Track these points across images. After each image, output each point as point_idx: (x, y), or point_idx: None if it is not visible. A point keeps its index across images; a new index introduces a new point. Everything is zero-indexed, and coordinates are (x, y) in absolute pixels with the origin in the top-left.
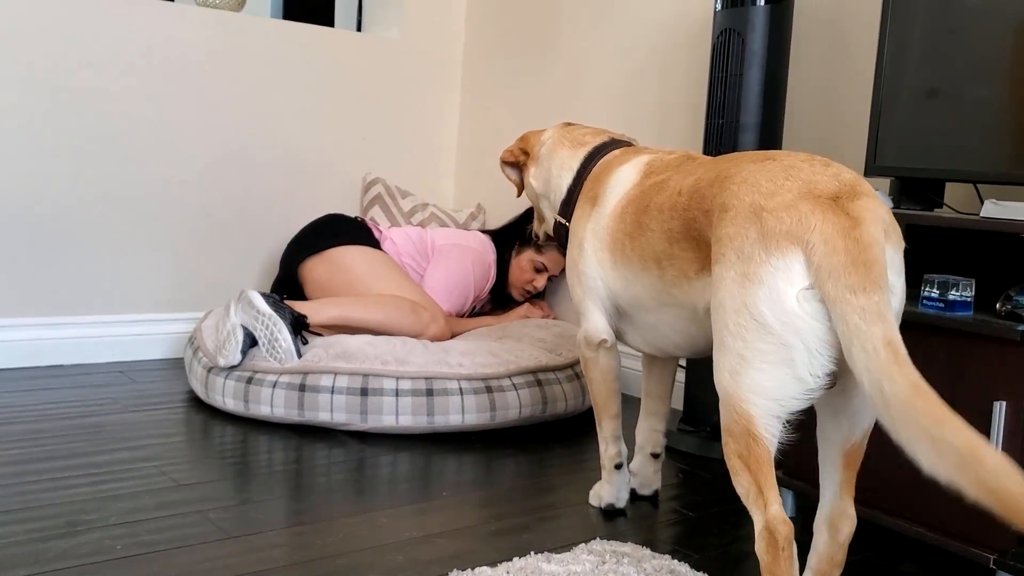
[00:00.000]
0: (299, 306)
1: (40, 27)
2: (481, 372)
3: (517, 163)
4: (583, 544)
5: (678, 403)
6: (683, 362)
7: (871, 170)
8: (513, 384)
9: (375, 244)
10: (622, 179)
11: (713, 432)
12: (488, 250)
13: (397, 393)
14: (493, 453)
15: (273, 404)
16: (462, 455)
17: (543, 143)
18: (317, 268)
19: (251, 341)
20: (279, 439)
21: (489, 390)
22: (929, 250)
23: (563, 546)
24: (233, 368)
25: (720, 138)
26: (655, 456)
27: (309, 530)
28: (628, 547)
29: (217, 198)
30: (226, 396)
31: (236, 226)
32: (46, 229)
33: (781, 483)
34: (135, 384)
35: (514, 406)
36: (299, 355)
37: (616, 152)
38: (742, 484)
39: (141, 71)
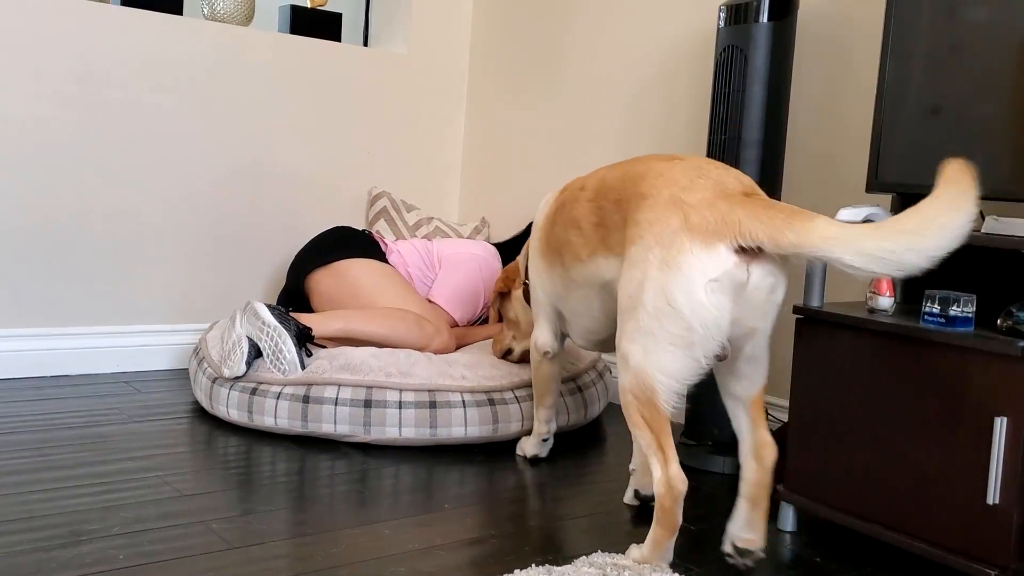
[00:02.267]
0: (304, 318)
1: (48, 40)
2: (484, 385)
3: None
4: (584, 557)
5: (679, 417)
6: None
7: (873, 186)
8: (516, 397)
9: (382, 257)
10: (545, 203)
11: (715, 446)
12: (495, 256)
13: (400, 405)
14: (495, 465)
15: (277, 415)
16: (464, 467)
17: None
18: (324, 280)
19: (256, 352)
20: (282, 450)
21: (492, 403)
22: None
23: (564, 559)
24: (237, 379)
25: (723, 154)
26: None
27: (312, 541)
28: (629, 560)
29: (223, 210)
30: (230, 407)
31: (242, 238)
32: (53, 240)
33: (783, 498)
34: (140, 395)
35: (516, 419)
36: (303, 367)
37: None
38: (644, 438)
39: (148, 84)
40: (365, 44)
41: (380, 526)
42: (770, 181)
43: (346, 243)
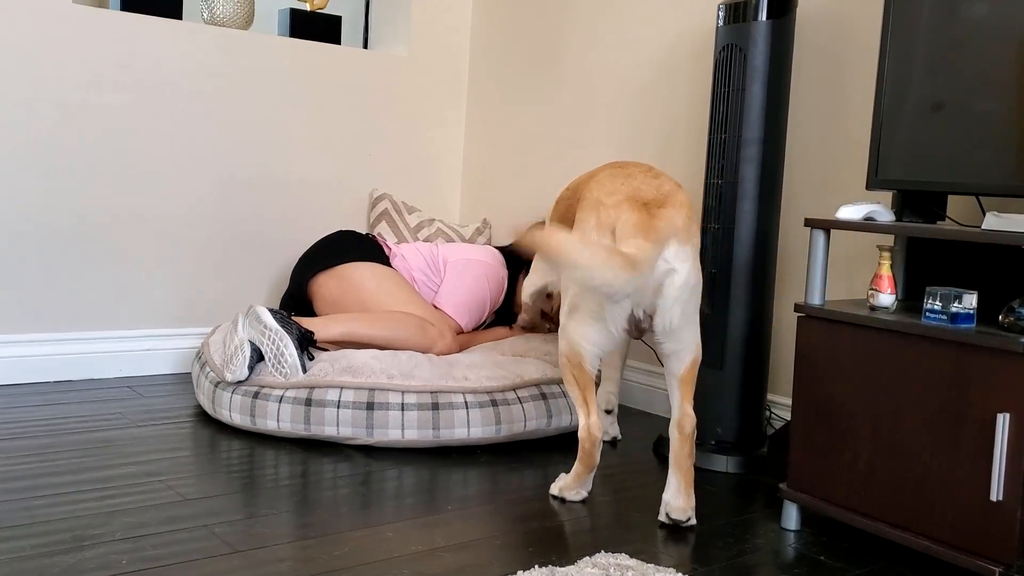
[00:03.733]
0: (306, 322)
1: (49, 45)
2: (486, 386)
3: None
4: (587, 558)
5: None
6: None
7: (873, 183)
8: (518, 397)
9: (385, 261)
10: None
11: (718, 445)
12: (500, 263)
13: (403, 407)
14: (498, 467)
15: (280, 418)
16: (468, 469)
17: None
18: (327, 284)
19: (258, 356)
20: (285, 453)
21: (495, 404)
22: (931, 263)
23: (567, 559)
24: (240, 383)
25: (723, 153)
26: (608, 412)
27: (315, 544)
28: (633, 561)
29: (224, 214)
30: (233, 411)
31: (244, 242)
32: (55, 246)
33: (786, 496)
34: (143, 399)
35: (519, 419)
36: (304, 370)
37: None
38: (573, 393)
39: (149, 88)
40: (365, 47)
41: (384, 528)
42: (770, 179)
43: (350, 247)
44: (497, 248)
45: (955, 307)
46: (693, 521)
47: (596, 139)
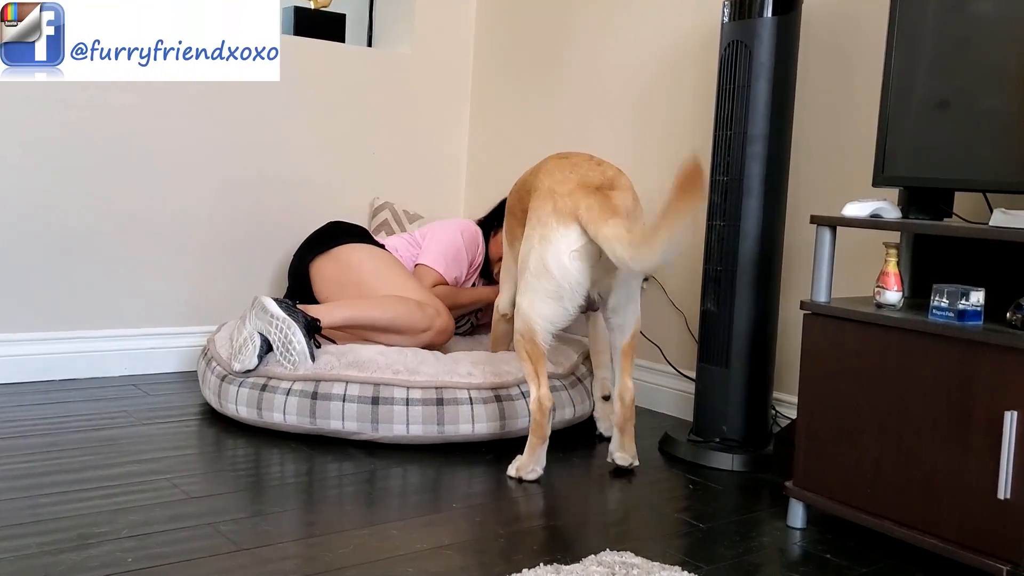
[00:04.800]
0: (311, 310)
1: None
2: (491, 382)
3: None
4: (593, 556)
5: (687, 414)
6: (694, 374)
7: (879, 180)
8: (523, 393)
9: (378, 245)
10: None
11: (722, 443)
12: (475, 226)
13: (407, 402)
14: (503, 465)
15: (286, 412)
16: (472, 467)
17: None
18: (327, 266)
19: (267, 348)
20: (290, 452)
21: (498, 399)
22: (938, 260)
23: (573, 557)
24: (247, 375)
25: (728, 150)
26: (605, 398)
27: (320, 542)
28: (638, 559)
29: (229, 214)
30: (239, 404)
31: (247, 242)
32: (60, 245)
33: (792, 495)
34: (148, 397)
35: (524, 415)
36: (313, 358)
37: None
38: (527, 368)
39: (153, 87)
40: (369, 45)
41: (388, 526)
42: (776, 176)
43: (344, 231)
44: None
45: (962, 304)
46: (636, 463)
47: (601, 137)
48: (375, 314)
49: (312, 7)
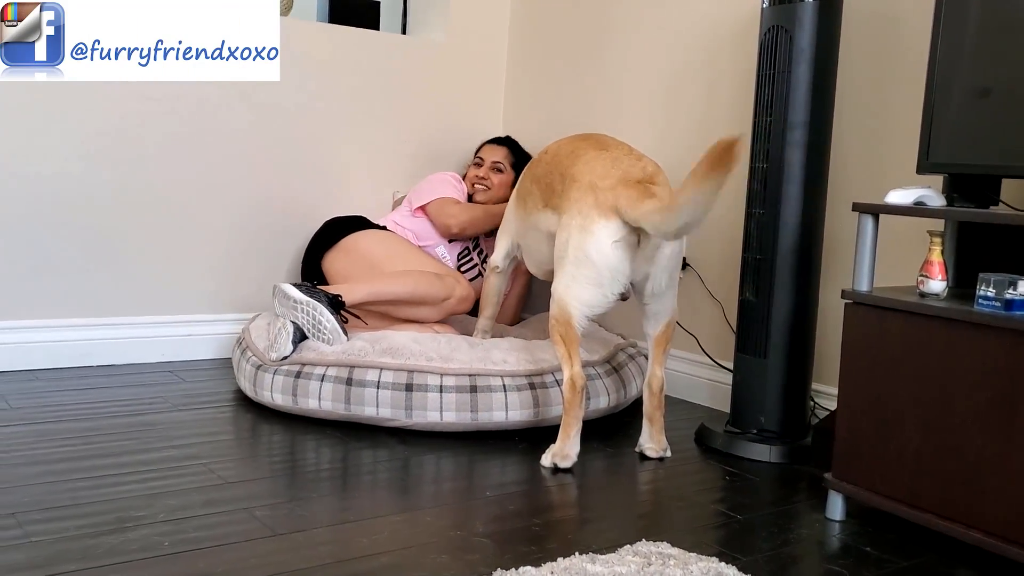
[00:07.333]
0: (332, 289)
1: None
2: (525, 368)
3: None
4: (628, 545)
5: (723, 405)
6: (731, 365)
7: (923, 167)
8: (556, 380)
9: (381, 228)
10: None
11: (759, 434)
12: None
13: (441, 389)
14: (536, 453)
15: (321, 398)
16: (506, 454)
17: None
18: (338, 260)
19: (301, 335)
20: (325, 438)
21: (532, 387)
22: (985, 248)
23: (608, 547)
24: (282, 361)
25: (768, 136)
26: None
27: (354, 528)
28: (674, 549)
29: (263, 199)
30: (274, 391)
31: (282, 227)
32: (97, 232)
33: (831, 486)
34: (184, 383)
35: (558, 402)
36: (345, 334)
37: None
38: (560, 351)
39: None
40: (403, 32)
41: (422, 513)
42: (816, 163)
43: (346, 223)
44: None
45: (1009, 294)
46: (669, 454)
47: (636, 124)
48: (395, 288)
49: None
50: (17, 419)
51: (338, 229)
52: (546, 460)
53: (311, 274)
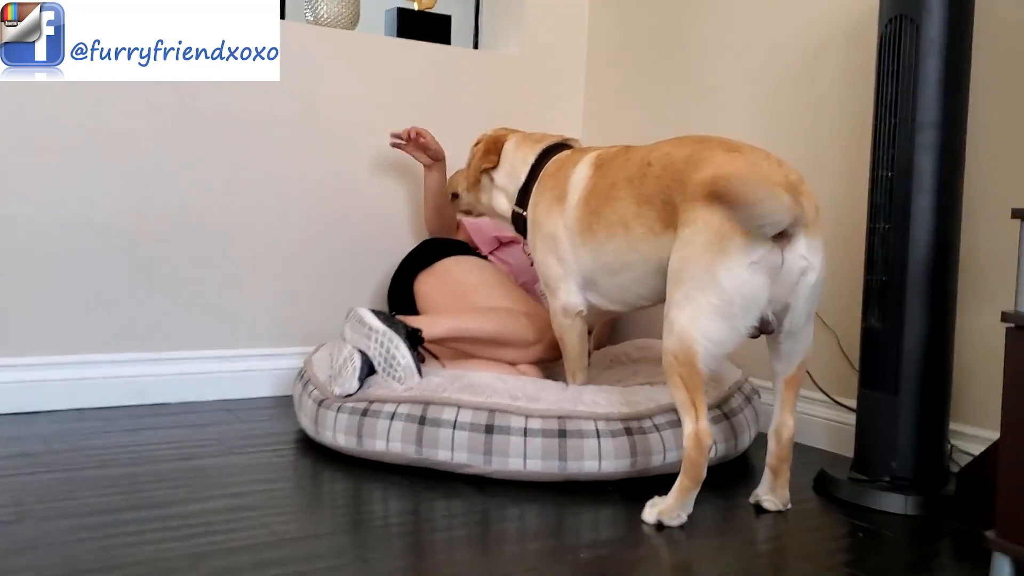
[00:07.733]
0: (412, 321)
1: None
2: (621, 412)
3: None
4: None
5: (843, 448)
6: (850, 402)
7: None
8: (655, 425)
9: (483, 258)
10: (580, 176)
11: (892, 481)
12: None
13: (526, 432)
14: (634, 507)
15: (389, 438)
16: (599, 509)
17: (509, 142)
18: (428, 282)
19: (369, 369)
20: (393, 487)
21: (629, 432)
22: None
23: None
24: (347, 398)
25: (893, 141)
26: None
27: None
28: (649, 516)
29: (325, 229)
30: (337, 431)
31: (346, 253)
32: (150, 263)
33: (996, 547)
34: (242, 423)
35: (658, 451)
36: (420, 372)
37: (566, 153)
38: (680, 395)
39: (249, 93)
40: (475, 47)
41: None
42: (951, 168)
43: (444, 246)
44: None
45: None
46: (789, 506)
47: (731, 133)
48: (479, 325)
49: (416, 8)
50: (56, 464)
51: (434, 250)
52: (650, 516)
53: (400, 294)
